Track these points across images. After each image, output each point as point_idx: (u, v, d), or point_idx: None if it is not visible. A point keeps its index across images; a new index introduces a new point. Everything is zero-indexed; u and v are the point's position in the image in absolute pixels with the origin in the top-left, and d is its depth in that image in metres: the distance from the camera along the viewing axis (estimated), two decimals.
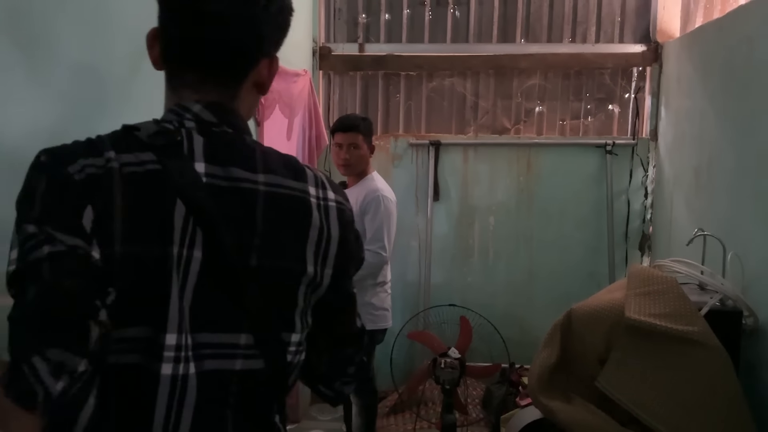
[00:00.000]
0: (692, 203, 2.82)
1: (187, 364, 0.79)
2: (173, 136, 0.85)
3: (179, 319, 0.78)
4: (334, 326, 0.99)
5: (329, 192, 0.93)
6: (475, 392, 3.42)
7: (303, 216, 0.88)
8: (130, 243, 0.78)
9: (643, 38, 3.58)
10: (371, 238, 2.62)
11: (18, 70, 1.22)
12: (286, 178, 0.88)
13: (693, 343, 1.73)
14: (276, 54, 0.97)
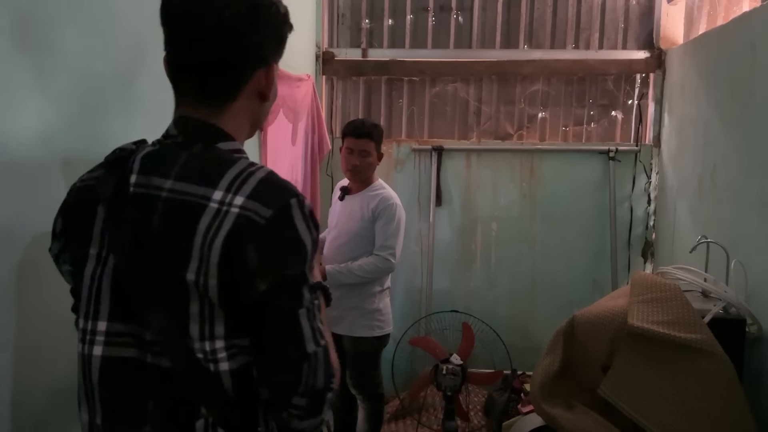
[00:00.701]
0: (696, 210, 2.81)
1: (91, 346, 0.94)
2: (123, 152, 0.98)
3: (86, 308, 0.95)
4: (260, 346, 0.90)
5: (238, 198, 0.88)
6: (477, 399, 3.41)
7: (191, 222, 0.88)
8: (72, 244, 1.00)
9: (646, 45, 3.58)
10: (382, 244, 2.66)
11: (22, 73, 1.22)
12: (192, 184, 0.90)
13: (696, 350, 1.72)
14: (275, 61, 1.03)
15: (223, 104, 0.99)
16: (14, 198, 1.21)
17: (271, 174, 0.94)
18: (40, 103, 1.28)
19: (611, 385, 1.77)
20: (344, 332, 2.72)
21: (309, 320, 0.91)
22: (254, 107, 1.04)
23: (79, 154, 1.42)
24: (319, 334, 0.92)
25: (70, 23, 1.37)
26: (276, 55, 1.04)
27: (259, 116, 1.07)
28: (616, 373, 1.78)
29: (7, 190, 1.19)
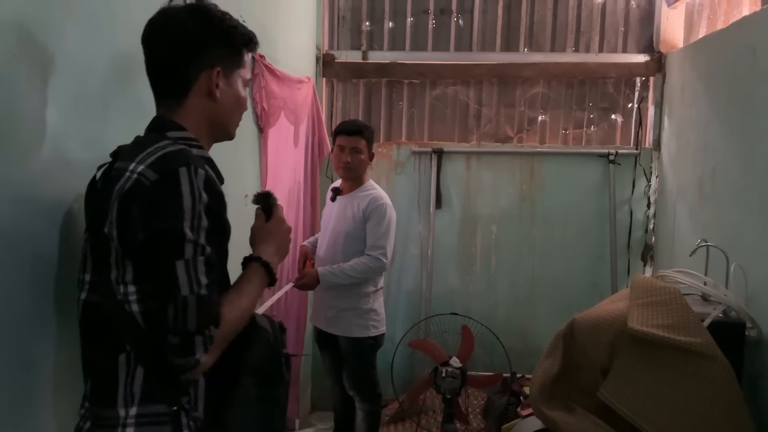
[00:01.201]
0: (695, 213, 2.81)
1: (80, 292, 1.19)
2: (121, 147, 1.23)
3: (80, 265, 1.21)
4: (148, 289, 1.09)
5: (140, 166, 1.09)
6: (476, 402, 3.40)
7: (112, 187, 1.10)
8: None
9: (646, 48, 3.58)
10: (373, 244, 2.67)
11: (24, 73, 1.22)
12: (125, 161, 1.12)
13: (696, 354, 1.72)
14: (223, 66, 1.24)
15: (179, 102, 1.23)
16: (15, 198, 1.21)
17: (179, 151, 1.12)
18: (41, 104, 1.28)
19: (611, 388, 1.77)
20: (340, 333, 2.73)
21: (186, 271, 1.05)
22: (207, 106, 1.25)
23: (80, 155, 1.42)
24: (197, 284, 1.05)
25: (72, 23, 1.37)
26: (225, 61, 1.25)
27: (217, 114, 1.27)
28: (616, 376, 1.78)
29: (7, 191, 1.19)
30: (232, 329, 1.14)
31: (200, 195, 1.08)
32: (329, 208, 2.83)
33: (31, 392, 1.28)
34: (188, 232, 1.06)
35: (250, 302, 1.20)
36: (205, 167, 1.12)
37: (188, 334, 1.05)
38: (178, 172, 1.07)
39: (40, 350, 1.31)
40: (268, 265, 1.25)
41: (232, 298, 1.16)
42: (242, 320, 1.17)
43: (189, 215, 1.06)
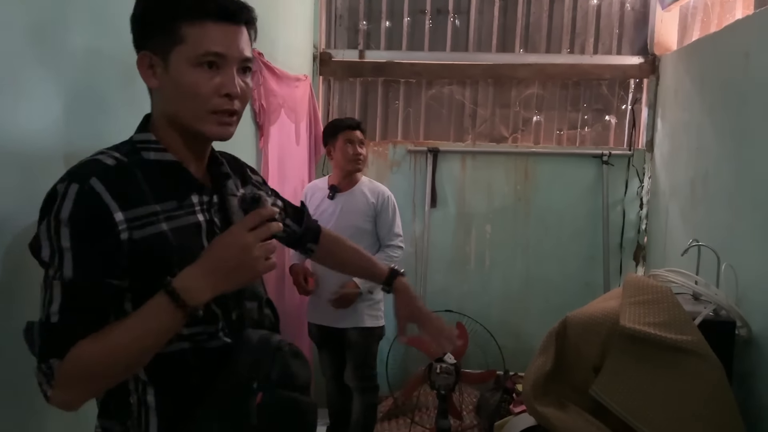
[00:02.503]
0: (687, 214, 2.85)
1: None
2: None
3: None
4: None
5: None
6: (469, 399, 3.43)
7: None
8: None
9: (640, 50, 3.61)
10: (394, 233, 2.85)
11: (27, 67, 1.23)
12: None
13: (687, 352, 1.74)
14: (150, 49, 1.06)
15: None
16: (16, 191, 1.22)
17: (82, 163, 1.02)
18: (44, 97, 1.29)
19: (603, 385, 1.79)
20: (352, 324, 2.78)
21: (43, 295, 0.97)
22: (155, 99, 1.11)
23: (82, 149, 1.43)
24: (47, 310, 0.95)
25: (77, 19, 1.38)
26: (154, 42, 1.05)
27: (166, 108, 1.09)
28: (608, 373, 1.80)
29: (9, 183, 1.19)
30: (89, 366, 0.94)
31: (58, 213, 0.95)
32: (326, 206, 2.84)
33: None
34: (44, 254, 0.96)
35: (126, 338, 0.95)
36: (90, 182, 0.96)
37: (37, 363, 0.95)
38: (55, 190, 0.97)
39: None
40: (174, 292, 0.95)
41: (102, 332, 0.96)
42: (108, 357, 0.95)
43: (45, 235, 0.96)
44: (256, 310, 1.18)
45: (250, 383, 1.05)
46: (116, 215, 0.97)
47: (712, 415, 1.71)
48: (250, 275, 1.02)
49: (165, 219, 1.03)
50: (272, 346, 1.11)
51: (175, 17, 1.02)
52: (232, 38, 1.04)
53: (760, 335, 1.95)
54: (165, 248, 1.02)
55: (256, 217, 1.01)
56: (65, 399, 0.95)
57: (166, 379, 1.05)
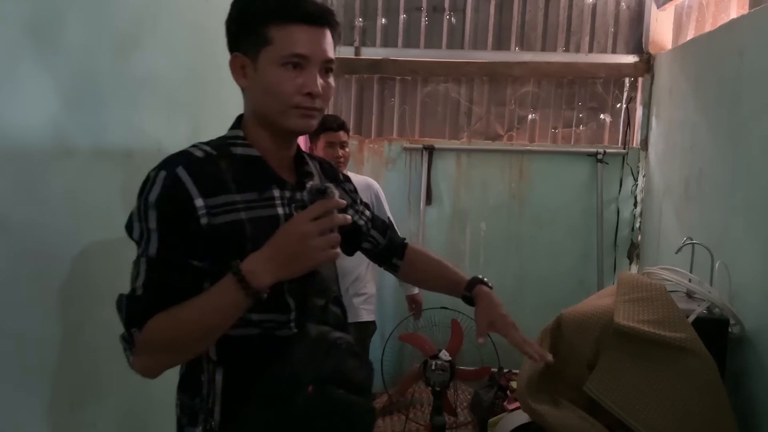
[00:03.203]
0: (681, 212, 2.86)
1: None
2: None
3: None
4: None
5: None
6: (463, 396, 3.44)
7: None
8: None
9: (635, 49, 3.63)
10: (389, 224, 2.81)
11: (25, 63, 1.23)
12: None
13: (681, 349, 1.75)
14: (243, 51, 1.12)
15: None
16: (14, 187, 1.21)
17: (177, 153, 1.10)
18: (42, 95, 1.29)
19: (597, 382, 1.80)
20: (350, 319, 2.77)
21: (132, 269, 1.06)
22: (246, 97, 1.18)
23: (80, 145, 1.43)
24: (134, 283, 1.04)
25: (73, 15, 1.38)
26: (245, 44, 1.11)
27: (255, 106, 1.15)
28: (602, 370, 1.81)
29: (7, 179, 1.19)
30: (161, 338, 1.02)
31: (147, 197, 1.05)
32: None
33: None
34: (135, 234, 1.07)
35: (193, 315, 1.02)
36: (176, 170, 1.06)
37: (122, 332, 1.05)
38: (148, 176, 1.08)
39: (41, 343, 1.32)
40: (240, 274, 1.01)
41: (174, 308, 1.03)
42: (176, 331, 1.03)
43: (137, 216, 1.07)
44: (323, 306, 1.22)
45: (302, 376, 1.08)
46: (196, 201, 1.05)
47: (705, 411, 1.72)
48: (308, 264, 1.04)
49: (244, 209, 1.10)
50: (328, 342, 1.13)
51: (265, 21, 1.08)
52: (316, 41, 1.11)
53: (753, 333, 1.97)
54: (241, 235, 1.08)
55: (320, 207, 1.04)
56: (143, 366, 1.05)
57: (233, 362, 1.11)
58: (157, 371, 1.06)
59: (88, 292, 1.48)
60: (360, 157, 3.71)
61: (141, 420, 1.76)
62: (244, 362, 1.11)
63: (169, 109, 1.89)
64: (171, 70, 1.89)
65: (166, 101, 1.87)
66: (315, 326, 1.15)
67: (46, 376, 1.33)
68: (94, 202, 1.49)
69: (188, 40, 2.02)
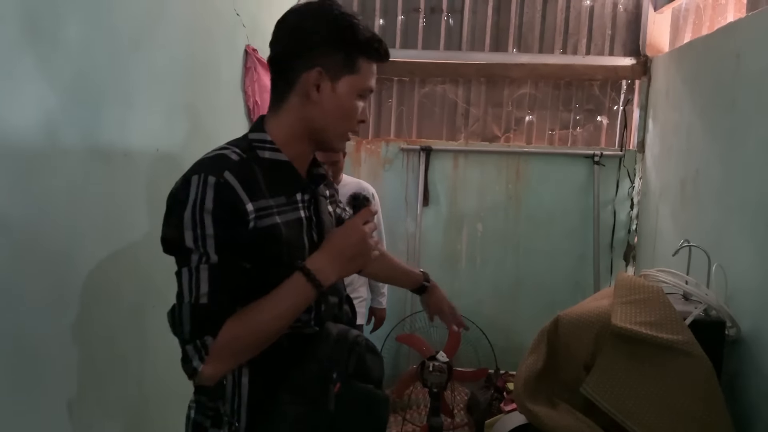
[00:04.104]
0: (678, 215, 2.87)
1: None
2: None
3: None
4: None
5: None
6: (460, 397, 3.44)
7: None
8: None
9: (632, 52, 3.63)
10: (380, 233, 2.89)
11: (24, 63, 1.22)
12: None
13: (678, 351, 1.76)
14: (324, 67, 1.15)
15: (281, 101, 1.18)
16: (12, 186, 1.21)
17: (214, 156, 1.11)
18: (40, 93, 1.28)
19: (594, 384, 1.80)
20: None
21: (189, 279, 1.04)
22: (305, 107, 1.17)
23: (78, 145, 1.42)
24: (196, 293, 1.04)
25: (70, 12, 1.38)
26: (330, 63, 1.15)
27: (315, 119, 1.18)
28: (599, 372, 1.82)
29: (5, 179, 1.19)
30: (240, 342, 1.06)
31: (202, 203, 1.05)
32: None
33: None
34: (189, 241, 1.05)
35: (270, 315, 1.08)
36: (224, 175, 1.07)
37: (183, 342, 1.05)
38: (190, 180, 1.07)
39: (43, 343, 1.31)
40: (310, 273, 1.09)
41: (247, 310, 1.08)
42: (255, 333, 1.07)
43: (190, 224, 1.05)
44: (337, 305, 1.28)
45: (330, 373, 1.14)
46: (248, 205, 1.08)
47: (702, 413, 1.73)
48: (364, 262, 1.16)
49: (277, 213, 1.14)
50: (350, 340, 1.19)
51: (360, 52, 1.16)
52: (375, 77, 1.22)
53: (749, 335, 1.97)
54: (278, 239, 1.12)
55: (367, 213, 1.17)
56: (214, 372, 1.05)
57: (261, 362, 1.12)
58: (222, 375, 1.09)
59: (86, 291, 1.47)
60: (357, 158, 3.71)
61: (140, 421, 1.75)
62: (271, 362, 1.13)
63: (167, 109, 1.89)
64: (169, 71, 1.89)
65: (164, 101, 1.87)
66: (334, 325, 1.21)
67: (44, 376, 1.33)
68: (93, 202, 1.49)
69: (187, 40, 2.01)
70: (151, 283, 1.79)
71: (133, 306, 1.71)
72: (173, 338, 1.07)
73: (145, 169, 1.75)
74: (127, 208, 1.66)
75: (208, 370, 1.04)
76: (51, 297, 1.34)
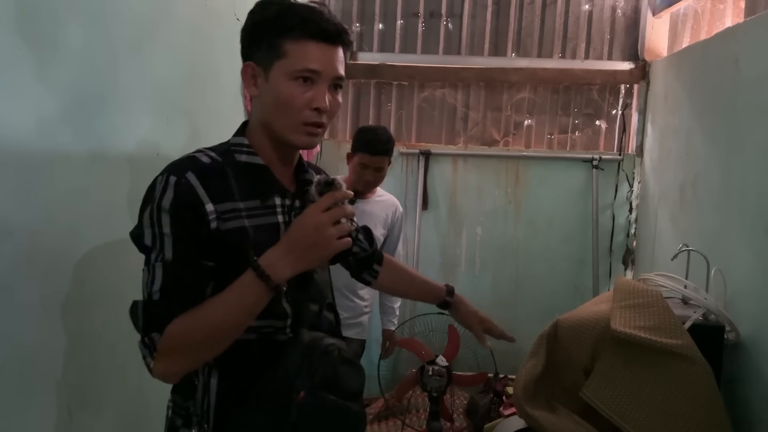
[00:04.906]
0: (677, 219, 2.87)
1: None
2: None
3: None
4: None
5: None
6: (459, 401, 3.44)
7: None
8: None
9: (631, 56, 3.64)
10: (397, 250, 2.90)
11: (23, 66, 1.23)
12: None
13: (677, 356, 1.76)
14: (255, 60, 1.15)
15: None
16: (14, 192, 1.21)
17: (183, 158, 1.12)
18: (40, 99, 1.29)
19: (593, 388, 1.80)
20: (357, 336, 2.79)
21: (146, 275, 1.07)
22: (254, 105, 1.19)
23: (77, 148, 1.43)
24: (150, 289, 1.05)
25: (71, 17, 1.38)
26: (259, 54, 1.14)
27: (262, 116, 1.17)
28: (598, 376, 1.82)
29: (7, 184, 1.19)
30: (188, 338, 1.04)
31: (160, 202, 1.06)
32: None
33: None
34: (147, 239, 1.07)
35: (219, 311, 1.05)
36: (186, 176, 1.07)
37: (140, 337, 1.06)
38: (155, 181, 1.09)
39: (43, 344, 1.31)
40: (259, 268, 1.05)
41: (198, 307, 1.06)
42: (203, 329, 1.05)
43: (149, 222, 1.07)
44: (317, 312, 1.25)
45: (294, 381, 1.10)
46: (207, 206, 1.07)
47: (701, 417, 1.73)
48: (325, 253, 1.08)
49: (247, 216, 1.12)
50: (320, 348, 1.15)
51: (280, 34, 1.11)
52: (329, 57, 1.14)
53: (749, 339, 1.98)
54: (243, 241, 1.10)
55: (329, 198, 1.08)
56: (165, 370, 1.05)
57: (230, 365, 1.13)
58: (177, 375, 1.08)
59: (87, 296, 1.47)
60: None
61: (138, 425, 1.75)
62: (240, 367, 1.13)
63: (168, 114, 1.89)
64: (170, 75, 1.90)
65: (164, 106, 1.87)
66: (308, 332, 1.18)
67: (45, 380, 1.33)
68: (93, 207, 1.49)
69: (187, 45, 2.02)
70: None
71: None
72: None
73: (146, 174, 1.75)
74: (129, 213, 1.67)
75: (158, 367, 1.04)
76: (52, 300, 1.34)
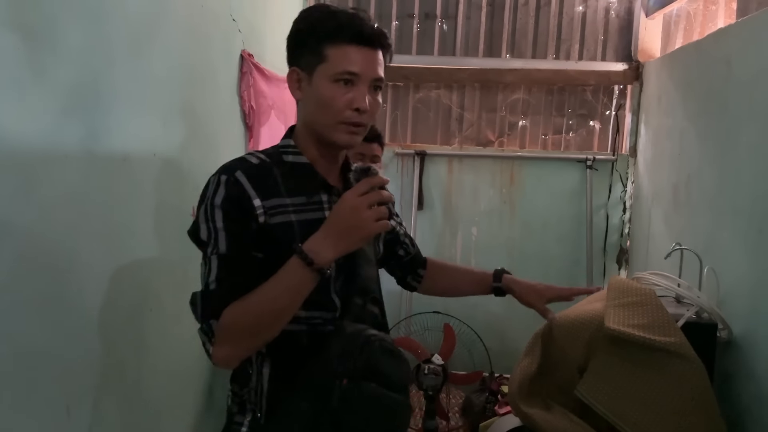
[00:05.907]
0: (670, 218, 2.89)
1: None
2: None
3: None
4: None
5: None
6: (454, 400, 3.45)
7: None
8: None
9: (624, 57, 3.67)
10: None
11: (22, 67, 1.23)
12: None
13: (670, 353, 1.77)
14: (299, 66, 1.22)
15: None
16: (12, 192, 1.22)
17: (234, 160, 1.20)
18: (37, 99, 1.29)
19: (587, 386, 1.81)
20: None
21: (203, 268, 1.15)
22: (299, 108, 1.26)
23: (77, 150, 1.43)
24: (207, 279, 1.13)
25: (68, 17, 1.39)
26: (302, 59, 1.21)
27: (306, 117, 1.24)
28: (593, 374, 1.83)
29: (5, 184, 1.20)
30: (240, 324, 1.10)
31: (213, 199, 1.14)
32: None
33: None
34: (203, 234, 1.15)
35: (266, 297, 1.11)
36: (235, 174, 1.15)
37: (199, 326, 1.13)
38: (209, 181, 1.17)
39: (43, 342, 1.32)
40: (302, 252, 1.10)
41: (248, 294, 1.12)
42: (253, 315, 1.11)
43: (203, 218, 1.15)
44: (362, 305, 1.29)
45: (336, 369, 1.13)
46: (255, 201, 1.15)
47: (695, 414, 1.74)
48: (363, 233, 1.13)
49: (293, 211, 1.19)
50: (362, 339, 1.18)
51: (322, 40, 1.17)
52: (368, 60, 1.20)
53: (741, 337, 1.99)
54: (290, 236, 1.16)
55: (365, 184, 1.13)
56: (224, 355, 1.12)
57: (280, 355, 1.20)
58: (236, 359, 1.14)
59: (86, 295, 1.48)
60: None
61: (137, 424, 1.76)
62: (289, 356, 1.19)
63: (164, 114, 1.90)
64: (167, 75, 1.90)
65: (161, 106, 1.88)
66: (351, 323, 1.22)
67: (43, 379, 1.34)
68: (92, 207, 1.50)
69: (184, 45, 2.03)
70: (149, 287, 1.79)
71: (131, 309, 1.72)
72: (171, 341, 1.09)
73: (143, 174, 1.76)
74: (126, 213, 1.67)
75: (218, 353, 1.11)
76: (51, 301, 1.35)
